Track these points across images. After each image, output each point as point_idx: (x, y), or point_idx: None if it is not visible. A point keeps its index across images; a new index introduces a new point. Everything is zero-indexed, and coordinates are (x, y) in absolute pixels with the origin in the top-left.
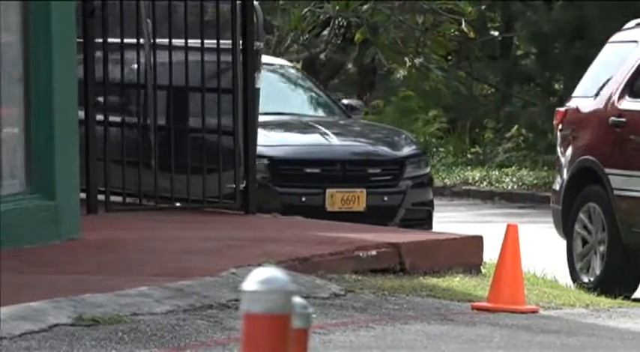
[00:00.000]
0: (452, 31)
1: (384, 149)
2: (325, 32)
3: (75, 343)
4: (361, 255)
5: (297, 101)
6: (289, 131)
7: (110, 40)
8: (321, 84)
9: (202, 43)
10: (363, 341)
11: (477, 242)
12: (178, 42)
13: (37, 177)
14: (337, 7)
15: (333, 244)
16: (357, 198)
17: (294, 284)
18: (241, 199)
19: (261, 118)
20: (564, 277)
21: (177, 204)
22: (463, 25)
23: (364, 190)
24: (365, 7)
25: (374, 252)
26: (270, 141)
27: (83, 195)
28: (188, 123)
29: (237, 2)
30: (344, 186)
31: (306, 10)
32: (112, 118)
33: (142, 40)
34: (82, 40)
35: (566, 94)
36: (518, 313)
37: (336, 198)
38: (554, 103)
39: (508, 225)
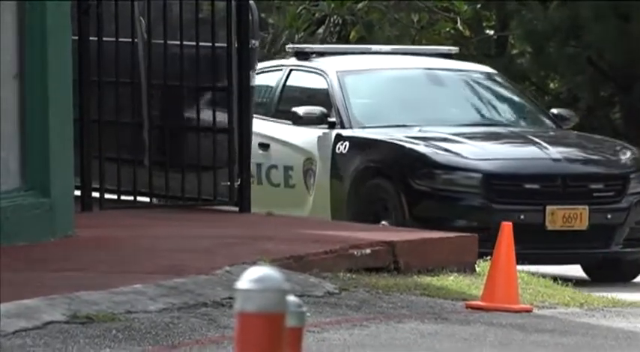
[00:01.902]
0: (447, 29)
1: (606, 162)
2: (320, 30)
3: (69, 340)
4: (355, 253)
5: (505, 111)
6: (502, 143)
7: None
8: None
9: (197, 41)
10: (357, 340)
11: (471, 241)
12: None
13: (31, 175)
14: (332, 5)
15: (327, 242)
16: (580, 216)
17: (289, 282)
18: (236, 197)
19: (470, 129)
20: (558, 276)
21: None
22: (458, 24)
23: (586, 207)
24: (360, 5)
25: (368, 251)
26: (483, 155)
27: (78, 193)
28: (184, 121)
29: (233, 0)
30: (565, 202)
31: (301, 8)
32: (107, 116)
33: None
34: (77, 38)
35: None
36: (512, 312)
37: (557, 216)
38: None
39: (502, 224)
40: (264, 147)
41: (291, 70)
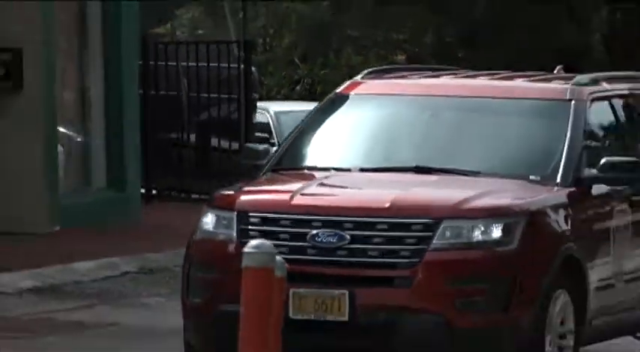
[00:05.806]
0: None
1: None
2: (298, 87)
3: None
4: None
5: None
6: None
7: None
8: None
9: (219, 95)
10: None
11: None
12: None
13: (112, 176)
14: (305, 71)
15: None
16: None
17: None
18: None
19: None
20: None
21: None
22: None
23: None
24: (322, 72)
25: None
26: None
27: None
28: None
29: (241, 68)
30: None
31: (284, 73)
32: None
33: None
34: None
35: None
36: None
37: None
38: None
39: None
40: None
41: None
